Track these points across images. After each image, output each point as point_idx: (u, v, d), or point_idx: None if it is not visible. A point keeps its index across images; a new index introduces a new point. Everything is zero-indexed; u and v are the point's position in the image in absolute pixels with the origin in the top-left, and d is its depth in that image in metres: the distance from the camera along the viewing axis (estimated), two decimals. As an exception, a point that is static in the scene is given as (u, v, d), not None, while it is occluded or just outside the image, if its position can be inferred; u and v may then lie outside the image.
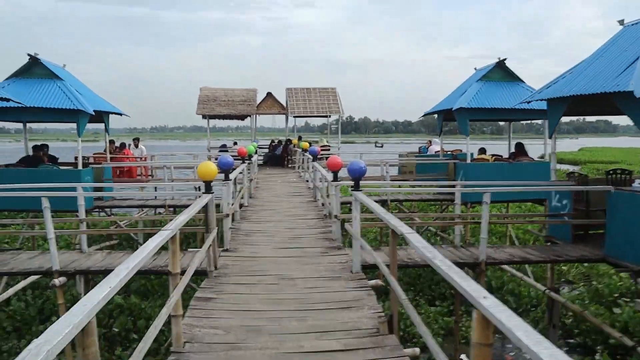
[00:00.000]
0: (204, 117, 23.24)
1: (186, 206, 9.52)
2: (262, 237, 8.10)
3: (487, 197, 7.02)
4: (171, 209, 12.23)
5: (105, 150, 14.65)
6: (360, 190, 6.03)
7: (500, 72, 13.04)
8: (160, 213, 13.17)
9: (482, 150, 14.69)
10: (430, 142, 20.94)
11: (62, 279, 6.16)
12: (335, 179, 7.31)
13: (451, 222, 11.02)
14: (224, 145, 23.71)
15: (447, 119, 14.49)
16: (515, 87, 12.77)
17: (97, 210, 12.16)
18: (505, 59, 12.92)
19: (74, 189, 7.87)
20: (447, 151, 16.89)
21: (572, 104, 8.26)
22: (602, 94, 6.93)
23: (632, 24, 8.17)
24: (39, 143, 12.61)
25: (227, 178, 7.48)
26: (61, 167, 11.88)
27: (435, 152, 17.70)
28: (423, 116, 16.52)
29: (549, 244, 8.82)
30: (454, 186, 11.09)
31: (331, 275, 5.93)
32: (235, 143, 24.65)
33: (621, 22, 8.41)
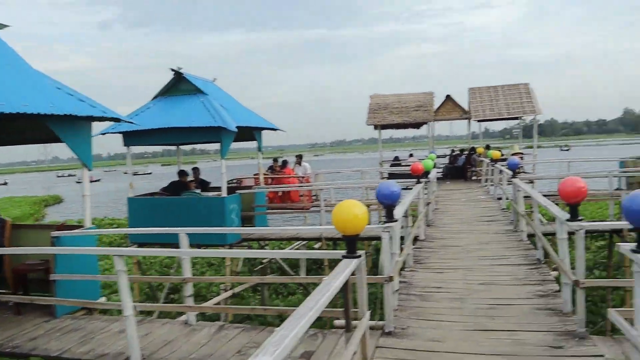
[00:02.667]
0: (375, 127, 20.97)
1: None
2: (446, 303, 5.29)
3: None
4: (329, 242, 10.06)
5: (268, 170, 13.25)
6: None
7: None
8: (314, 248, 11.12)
9: None
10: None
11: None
12: (575, 216, 4.24)
13: None
14: (396, 158, 21.14)
15: None
16: None
17: (244, 243, 10.36)
18: None
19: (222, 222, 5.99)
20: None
21: None
22: None
23: None
24: (190, 166, 11.51)
25: (389, 217, 4.69)
26: (206, 194, 10.48)
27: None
28: None
29: None
30: None
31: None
32: (411, 155, 21.94)
33: None
